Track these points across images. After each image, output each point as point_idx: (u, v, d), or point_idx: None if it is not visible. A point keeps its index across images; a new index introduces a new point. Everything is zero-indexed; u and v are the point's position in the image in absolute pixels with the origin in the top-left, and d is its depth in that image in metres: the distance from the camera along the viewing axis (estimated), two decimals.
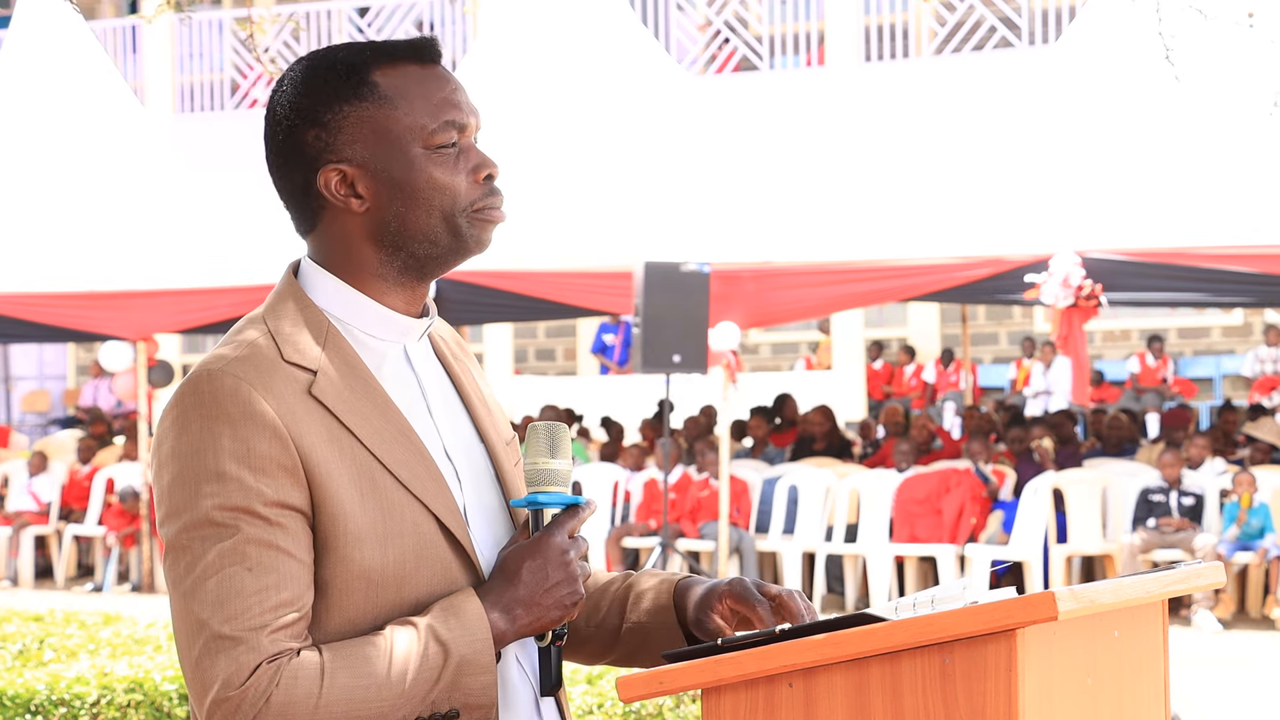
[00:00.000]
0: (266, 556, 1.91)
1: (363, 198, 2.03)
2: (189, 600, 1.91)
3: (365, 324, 2.06)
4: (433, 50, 2.07)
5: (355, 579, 1.97)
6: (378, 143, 2.02)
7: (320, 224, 2.07)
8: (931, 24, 16.44)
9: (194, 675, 1.91)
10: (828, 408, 14.74)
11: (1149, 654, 2.18)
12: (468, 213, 2.04)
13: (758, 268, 11.48)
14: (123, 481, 14.20)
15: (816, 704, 1.94)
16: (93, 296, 13.47)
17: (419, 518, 2.00)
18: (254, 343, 2.00)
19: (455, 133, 2.04)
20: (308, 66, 2.06)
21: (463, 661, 1.95)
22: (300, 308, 2.05)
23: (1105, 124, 11.34)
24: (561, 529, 2.04)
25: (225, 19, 19.04)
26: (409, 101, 2.03)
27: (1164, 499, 11.61)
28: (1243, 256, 10.45)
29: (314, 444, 1.95)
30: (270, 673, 1.89)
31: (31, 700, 5.87)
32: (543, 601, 2.02)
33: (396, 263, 2.06)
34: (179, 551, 1.93)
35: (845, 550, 12.18)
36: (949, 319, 20.39)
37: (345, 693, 1.91)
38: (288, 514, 1.93)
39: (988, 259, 10.96)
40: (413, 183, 2.02)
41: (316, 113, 2.03)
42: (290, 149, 2.05)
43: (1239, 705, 8.76)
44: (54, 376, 24.65)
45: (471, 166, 2.05)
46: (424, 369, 2.12)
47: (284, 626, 1.91)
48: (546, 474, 2.06)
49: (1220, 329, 20.61)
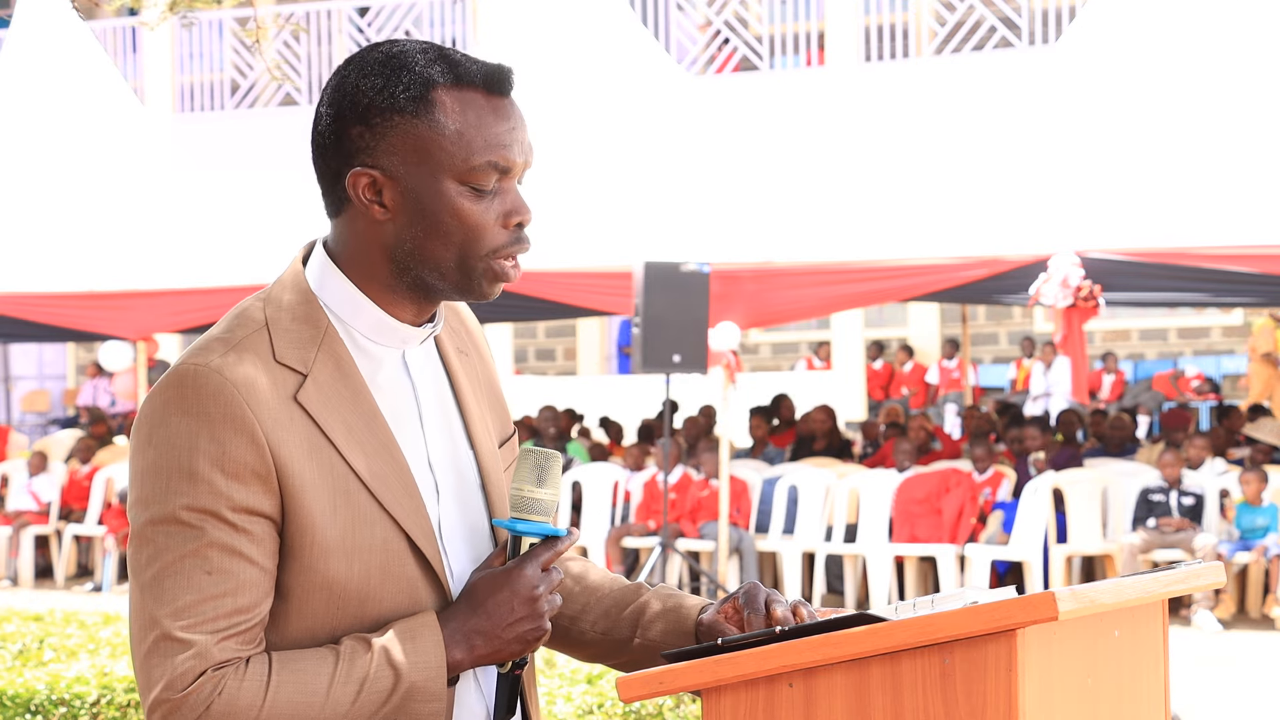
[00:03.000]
0: (227, 562, 1.91)
1: (387, 208, 2.00)
2: (146, 594, 1.91)
3: (366, 328, 2.04)
4: (504, 82, 2.02)
5: (318, 589, 1.96)
6: (415, 161, 1.98)
7: (344, 216, 2.04)
8: (931, 24, 16.44)
9: (141, 670, 1.92)
10: (830, 407, 14.75)
11: (1149, 654, 2.18)
12: (487, 258, 2.01)
13: (758, 268, 11.48)
14: (122, 481, 14.19)
15: (816, 704, 1.94)
16: (92, 296, 13.47)
17: (389, 534, 1.99)
18: (248, 337, 1.99)
19: (496, 175, 2.01)
20: (380, 62, 2.00)
21: (413, 688, 1.94)
22: (303, 302, 2.03)
23: (1105, 124, 11.33)
24: (535, 561, 2.02)
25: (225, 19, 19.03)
26: (459, 131, 1.98)
27: (1164, 499, 11.61)
28: (1242, 257, 10.45)
29: (291, 453, 1.94)
30: (214, 681, 1.89)
31: (31, 700, 5.87)
32: (504, 635, 2.00)
33: (406, 280, 2.03)
34: (142, 542, 1.93)
35: (845, 550, 12.17)
36: (949, 319, 20.40)
37: (289, 705, 1.91)
38: (255, 520, 1.92)
39: (987, 259, 10.95)
40: (437, 211, 1.99)
41: (368, 112, 1.99)
42: (334, 136, 2.01)
43: (1239, 705, 8.76)
44: (54, 376, 24.65)
45: (504, 211, 2.02)
46: (421, 376, 2.10)
47: (235, 634, 1.91)
48: (530, 502, 2.04)
49: (1220, 329, 20.61)
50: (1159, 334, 20.87)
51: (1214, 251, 10.49)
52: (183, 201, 14.24)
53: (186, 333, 15.79)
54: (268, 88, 18.45)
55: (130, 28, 19.35)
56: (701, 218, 12.02)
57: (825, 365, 20.61)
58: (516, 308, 12.73)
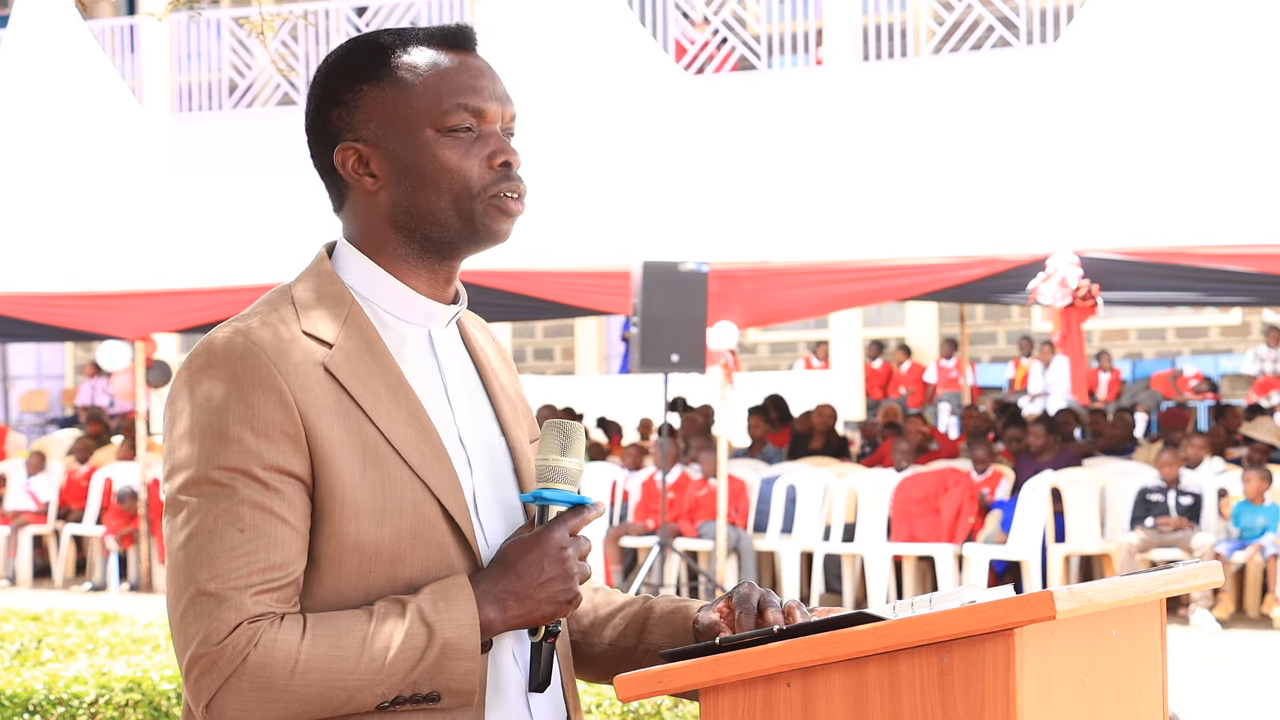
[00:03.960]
0: (259, 519, 1.93)
1: (376, 176, 2.06)
2: (180, 556, 1.94)
3: (390, 304, 2.08)
4: (464, 37, 2.09)
5: (348, 552, 1.98)
6: (390, 124, 2.04)
7: (346, 202, 2.10)
8: (930, 23, 16.44)
9: (177, 630, 1.94)
10: (833, 407, 14.77)
11: (1147, 653, 2.18)
12: (481, 198, 2.05)
13: (756, 267, 11.48)
14: (120, 481, 14.19)
15: (815, 703, 1.94)
16: (91, 296, 13.46)
17: (420, 498, 2.01)
18: (276, 311, 2.03)
19: (470, 117, 2.05)
20: (341, 48, 2.10)
21: (447, 644, 1.96)
22: (327, 283, 2.07)
23: (1103, 124, 11.34)
24: (563, 526, 2.04)
25: (224, 19, 19.03)
26: (425, 85, 2.04)
27: (1162, 498, 11.61)
28: (1241, 256, 10.45)
29: (320, 415, 1.97)
30: (249, 633, 1.91)
31: (30, 700, 5.87)
32: (535, 595, 2.01)
33: (414, 244, 2.07)
34: (177, 507, 1.96)
35: (843, 550, 12.18)
36: (947, 318, 20.40)
37: (323, 661, 1.92)
38: (286, 480, 1.95)
39: (986, 258, 10.95)
40: (420, 164, 2.04)
41: (340, 92, 2.07)
42: (318, 126, 2.09)
43: (1237, 705, 8.76)
44: (52, 376, 24.65)
45: (487, 153, 2.06)
46: (447, 356, 2.13)
47: (270, 589, 1.93)
48: (555, 471, 2.07)
49: (1218, 329, 20.62)
50: (1157, 333, 20.87)
51: (1212, 251, 10.49)
52: (181, 201, 14.23)
53: (185, 333, 15.79)
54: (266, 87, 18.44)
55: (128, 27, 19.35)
56: (700, 217, 12.02)
57: (823, 365, 20.61)
58: (515, 307, 12.72)
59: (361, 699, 1.94)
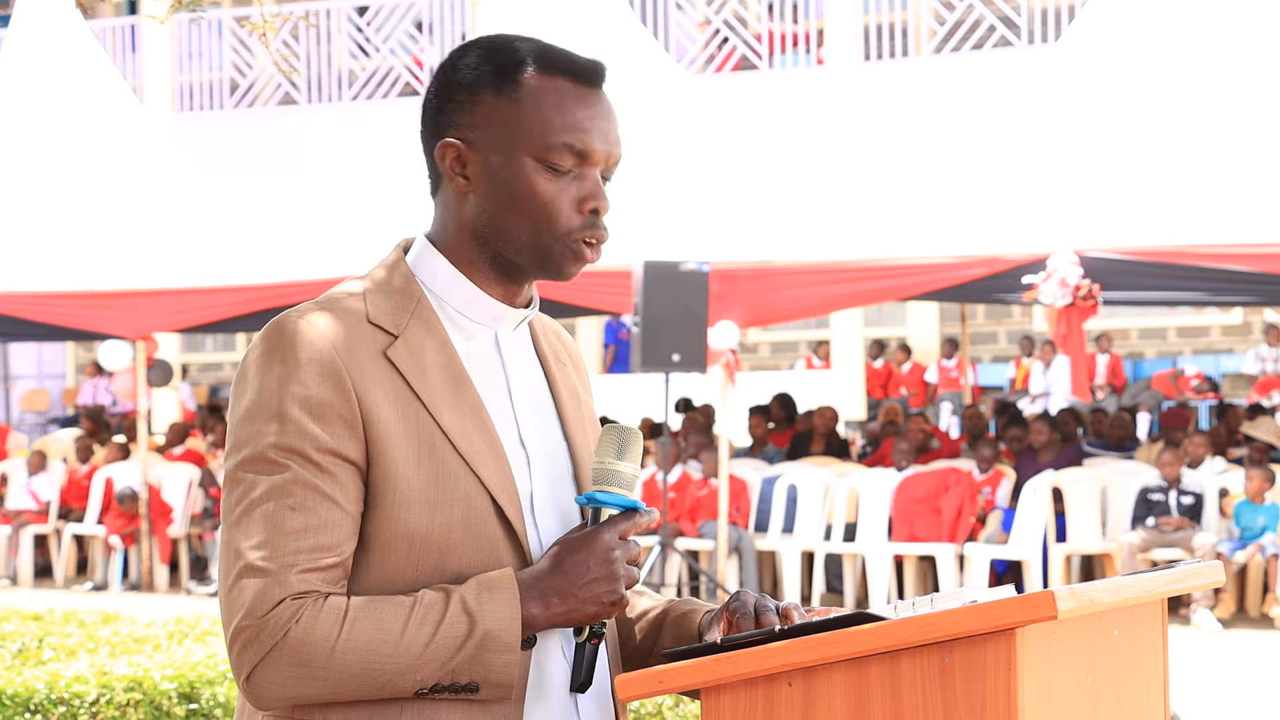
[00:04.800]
0: (311, 500, 1.97)
1: (469, 180, 2.09)
2: (233, 531, 1.98)
3: (459, 304, 2.11)
4: (593, 73, 2.10)
5: (398, 538, 2.01)
6: (497, 138, 2.07)
7: (439, 194, 2.14)
8: (931, 23, 16.44)
9: (225, 602, 1.98)
10: (834, 409, 14.76)
11: (1148, 653, 2.18)
12: (562, 239, 2.07)
13: (757, 267, 11.48)
14: (121, 480, 14.18)
15: (816, 703, 1.94)
16: (92, 295, 13.47)
17: (472, 490, 2.03)
18: (345, 299, 2.07)
19: (573, 158, 2.07)
20: (477, 46, 2.13)
21: (487, 635, 1.98)
22: (398, 277, 2.11)
23: (1104, 123, 11.33)
24: (613, 528, 2.07)
25: (225, 19, 19.03)
26: (541, 112, 2.06)
27: (1163, 498, 11.61)
28: (1241, 256, 10.45)
29: (378, 402, 2.00)
30: (293, 609, 1.95)
31: (31, 699, 5.87)
32: (580, 594, 2.04)
33: (487, 255, 2.10)
34: (233, 484, 2.00)
35: (844, 549, 12.17)
36: (948, 318, 20.39)
37: (364, 642, 1.95)
38: (340, 463, 1.99)
39: (986, 258, 10.95)
40: (513, 186, 2.06)
41: (460, 89, 2.09)
42: (434, 112, 2.12)
43: (1238, 704, 8.75)
44: (53, 375, 24.66)
45: (581, 195, 2.08)
46: (513, 359, 2.15)
47: (317, 569, 1.97)
48: (610, 474, 2.09)
49: (1219, 328, 20.61)
50: (1158, 333, 20.86)
51: (1213, 250, 10.49)
52: (182, 201, 14.23)
53: (185, 332, 15.79)
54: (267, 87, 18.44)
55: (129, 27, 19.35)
56: (700, 217, 12.02)
57: (824, 364, 20.60)
58: None
59: (400, 683, 1.96)
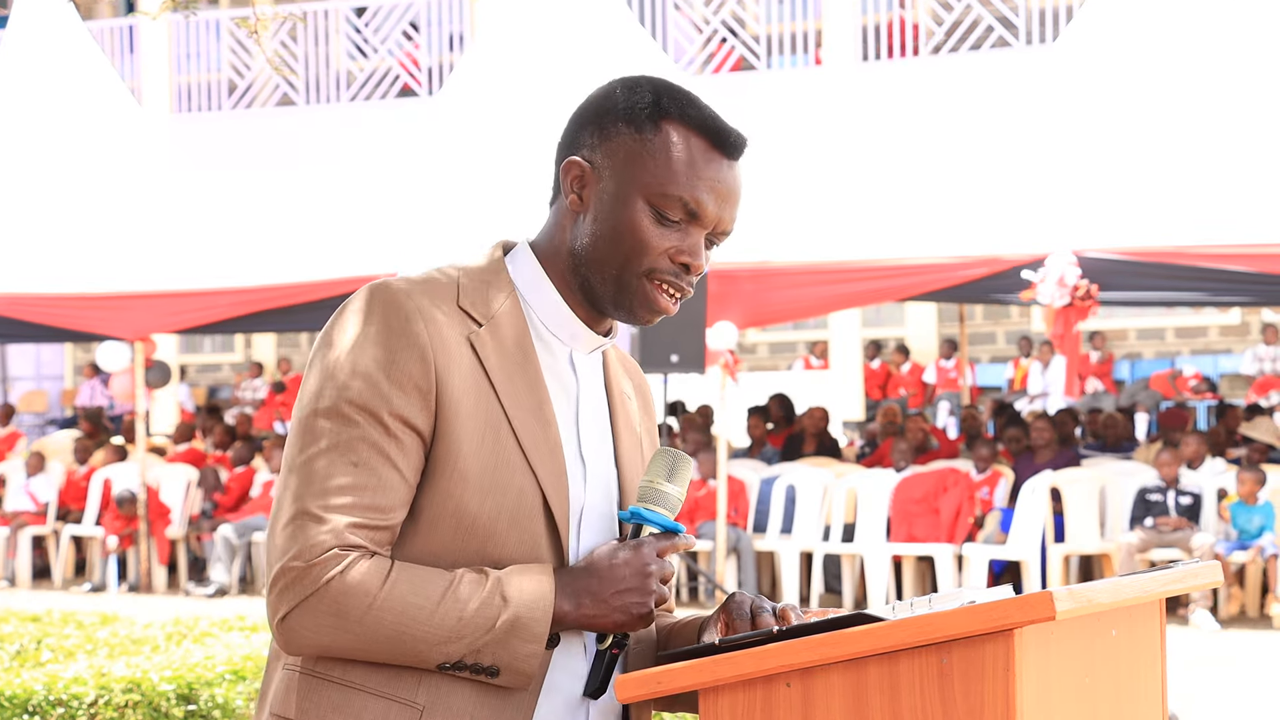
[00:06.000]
0: (375, 460, 2.02)
1: (583, 201, 2.15)
2: (295, 475, 2.03)
3: (545, 314, 2.16)
4: (732, 144, 2.16)
5: (448, 516, 2.06)
6: (621, 172, 2.13)
7: (555, 203, 2.20)
8: (929, 23, 16.43)
9: (274, 543, 2.02)
10: (824, 409, 14.76)
11: (1147, 653, 2.18)
12: (643, 277, 2.12)
13: (755, 267, 11.47)
14: (119, 482, 14.17)
15: (814, 704, 1.94)
16: (90, 297, 13.46)
17: (526, 484, 2.08)
18: (442, 280, 2.13)
19: (683, 212, 2.12)
20: (635, 81, 2.19)
21: (517, 620, 2.02)
22: (495, 272, 2.17)
23: (1102, 123, 11.33)
24: (653, 545, 2.11)
25: (222, 19, 19.03)
26: (670, 162, 2.12)
27: (1161, 498, 11.61)
28: (1240, 256, 10.45)
29: (454, 380, 2.06)
30: (339, 559, 1.99)
31: (29, 700, 5.86)
32: (611, 601, 2.07)
33: (578, 279, 2.16)
34: (303, 430, 2.05)
35: (843, 550, 12.17)
36: (946, 318, 20.40)
37: (401, 603, 2.00)
38: (408, 431, 2.04)
39: (985, 258, 10.95)
40: (617, 219, 2.12)
41: (604, 116, 2.17)
42: (575, 128, 2.20)
43: (1237, 704, 8.75)
44: (51, 376, 24.65)
45: (678, 246, 2.13)
46: (585, 379, 2.20)
47: (369, 527, 2.02)
48: (657, 494, 2.13)
49: (1217, 328, 20.61)
50: (1156, 333, 20.87)
51: (1211, 251, 10.49)
52: (180, 202, 14.23)
53: (184, 333, 15.79)
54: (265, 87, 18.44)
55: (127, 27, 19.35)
56: None
57: (823, 365, 20.61)
58: None
59: (427, 653, 2.01)
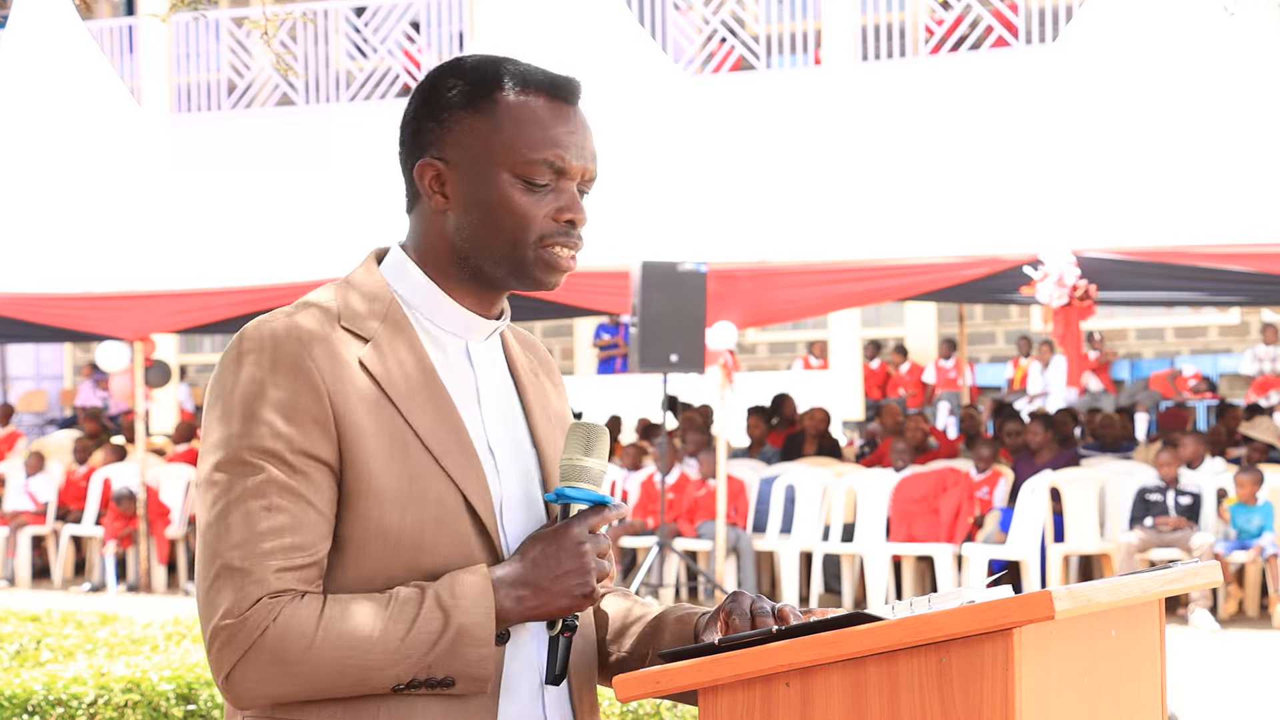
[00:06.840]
0: (286, 501, 2.00)
1: (447, 198, 2.13)
2: (209, 532, 2.01)
3: (431, 313, 2.15)
4: (569, 90, 2.14)
5: (373, 537, 2.04)
6: (474, 156, 2.11)
7: (415, 209, 2.17)
8: (929, 23, 16.44)
9: (203, 604, 2.01)
10: (825, 410, 14.76)
11: (1146, 653, 2.18)
12: (535, 246, 2.12)
13: (754, 267, 11.47)
14: (119, 481, 14.17)
15: (813, 703, 1.94)
16: (89, 297, 13.45)
17: (444, 489, 2.07)
18: (318, 304, 2.11)
19: (550, 173, 2.11)
20: (452, 66, 2.16)
21: (461, 630, 2.00)
22: (371, 285, 2.15)
23: (1101, 123, 11.33)
24: (582, 522, 2.09)
25: (222, 19, 19.03)
26: (517, 128, 2.11)
27: (1161, 498, 11.61)
28: (1239, 256, 10.45)
29: (351, 404, 2.04)
30: (270, 607, 1.98)
31: (29, 700, 5.86)
32: (551, 588, 2.06)
33: (466, 271, 2.14)
34: (208, 486, 2.03)
35: (842, 550, 12.17)
36: (946, 318, 20.39)
37: (339, 638, 1.98)
38: (313, 465, 2.02)
39: (984, 258, 10.95)
40: (490, 202, 2.11)
41: (438, 109, 2.13)
42: (410, 131, 2.16)
43: (1236, 704, 8.76)
44: (51, 376, 24.65)
45: (556, 207, 2.12)
46: (484, 368, 2.19)
47: (293, 568, 2.00)
48: (578, 470, 2.12)
49: (1217, 328, 20.62)
50: (1156, 333, 20.87)
51: (1210, 250, 10.49)
52: (179, 202, 14.23)
53: (183, 333, 15.79)
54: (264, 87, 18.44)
55: (127, 27, 19.35)
56: (698, 217, 12.02)
57: (822, 365, 20.61)
58: (514, 307, 12.57)
59: (377, 679, 1.99)
